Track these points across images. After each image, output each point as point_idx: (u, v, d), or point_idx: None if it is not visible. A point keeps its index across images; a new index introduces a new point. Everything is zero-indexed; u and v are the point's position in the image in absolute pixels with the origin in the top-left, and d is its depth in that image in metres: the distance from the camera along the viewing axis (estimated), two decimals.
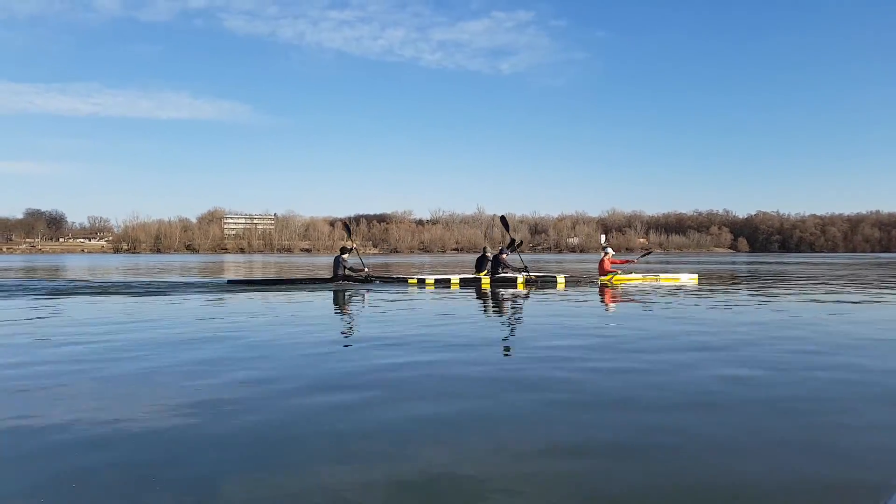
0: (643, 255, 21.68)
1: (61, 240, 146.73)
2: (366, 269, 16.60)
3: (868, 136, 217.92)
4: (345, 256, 16.33)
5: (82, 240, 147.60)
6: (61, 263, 44.29)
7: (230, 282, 16.42)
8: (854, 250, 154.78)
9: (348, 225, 20.31)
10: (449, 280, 16.36)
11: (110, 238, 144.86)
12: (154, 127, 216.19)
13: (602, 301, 12.30)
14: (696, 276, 18.55)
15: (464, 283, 16.20)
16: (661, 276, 18.28)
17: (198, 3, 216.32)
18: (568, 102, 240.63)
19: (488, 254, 17.32)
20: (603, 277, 17.20)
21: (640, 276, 18.02)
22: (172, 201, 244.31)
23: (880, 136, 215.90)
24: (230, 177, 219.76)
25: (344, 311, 10.53)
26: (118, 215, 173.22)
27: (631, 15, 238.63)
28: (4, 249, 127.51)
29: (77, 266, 37.62)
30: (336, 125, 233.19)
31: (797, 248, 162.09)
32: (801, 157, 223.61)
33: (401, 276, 17.80)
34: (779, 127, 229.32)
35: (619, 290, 14.96)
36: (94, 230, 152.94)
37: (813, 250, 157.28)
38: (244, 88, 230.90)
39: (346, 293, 13.89)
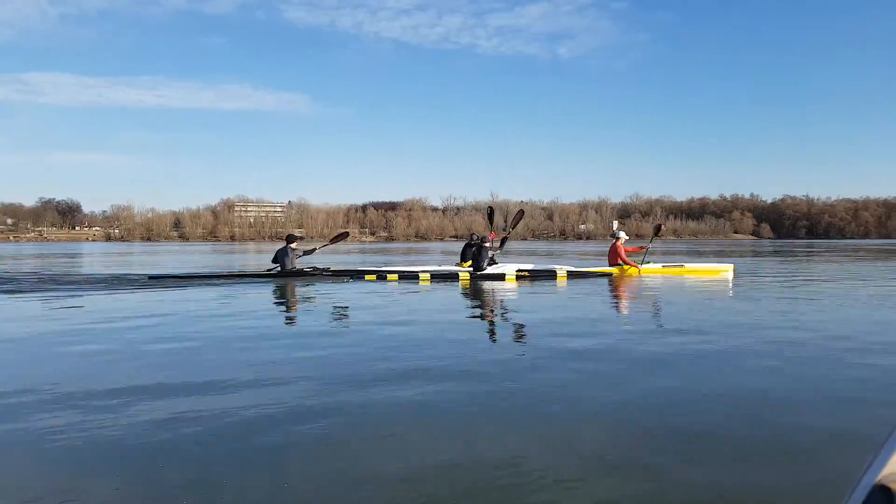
0: (654, 237, 18.08)
1: (77, 228, 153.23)
2: (314, 264, 14.97)
3: None
4: (293, 246, 14.30)
5: (98, 229, 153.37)
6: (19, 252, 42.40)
7: (151, 277, 14.11)
8: (888, 236, 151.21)
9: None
10: (417, 274, 14.16)
11: (125, 228, 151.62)
12: (216, 118, 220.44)
13: (614, 296, 10.22)
14: (730, 266, 16.14)
15: (436, 277, 13.98)
16: (687, 265, 15.99)
17: None
18: (621, 87, 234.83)
19: (475, 240, 15.12)
20: (612, 268, 15.04)
21: (659, 265, 15.79)
22: (215, 189, 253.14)
23: None
24: (274, 166, 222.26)
25: (283, 308, 8.71)
26: (145, 205, 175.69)
27: None
28: (11, 238, 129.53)
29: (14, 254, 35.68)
30: (390, 115, 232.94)
31: (825, 234, 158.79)
32: (836, 139, 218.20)
33: (357, 269, 15.36)
34: (816, 107, 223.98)
35: (635, 281, 12.81)
36: (114, 219, 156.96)
37: (843, 236, 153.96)
38: (303, 79, 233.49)
39: (294, 288, 11.97)
